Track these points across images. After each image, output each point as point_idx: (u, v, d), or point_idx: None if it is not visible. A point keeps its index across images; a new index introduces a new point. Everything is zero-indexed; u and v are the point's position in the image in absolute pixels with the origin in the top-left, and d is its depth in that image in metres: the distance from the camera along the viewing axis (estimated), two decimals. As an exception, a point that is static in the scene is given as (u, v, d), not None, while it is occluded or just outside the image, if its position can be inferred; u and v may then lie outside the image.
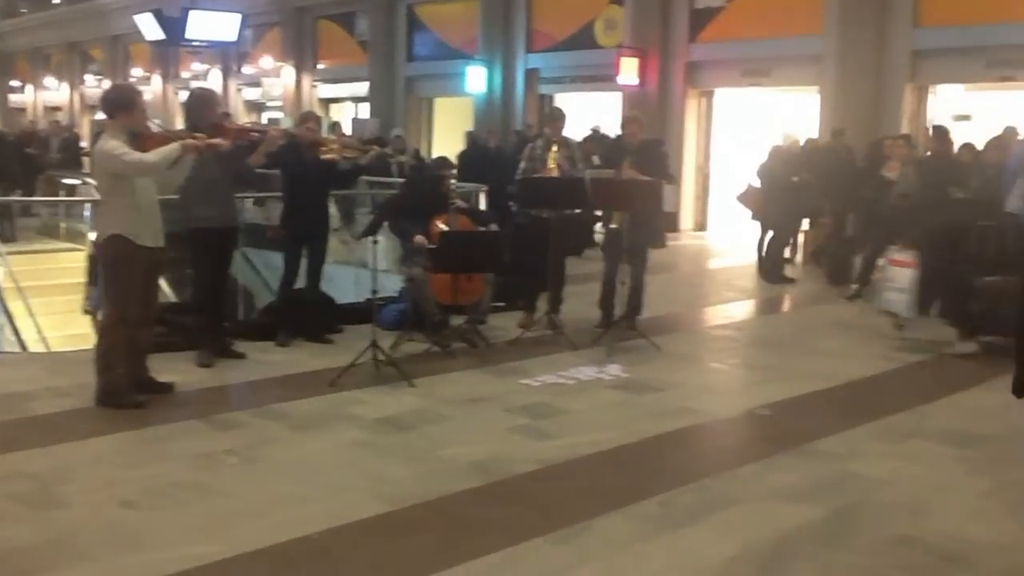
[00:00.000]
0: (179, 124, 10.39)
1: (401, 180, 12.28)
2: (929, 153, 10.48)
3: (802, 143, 12.01)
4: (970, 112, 13.93)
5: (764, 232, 11.29)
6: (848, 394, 6.45)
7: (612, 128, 14.20)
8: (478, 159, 13.69)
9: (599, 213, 8.96)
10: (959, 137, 10.36)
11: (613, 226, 7.88)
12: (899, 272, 8.15)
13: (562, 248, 8.12)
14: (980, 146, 9.62)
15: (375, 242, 6.67)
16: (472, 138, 15.81)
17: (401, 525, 4.20)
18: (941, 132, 10.23)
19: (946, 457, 5.19)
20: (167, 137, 5.81)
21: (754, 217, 11.50)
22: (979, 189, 8.81)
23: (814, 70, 14.34)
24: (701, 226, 16.54)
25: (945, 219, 8.57)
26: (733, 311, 9.62)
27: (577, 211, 8.34)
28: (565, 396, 6.20)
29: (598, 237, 9.90)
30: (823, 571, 3.85)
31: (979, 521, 4.35)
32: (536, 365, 6.90)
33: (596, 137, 14.35)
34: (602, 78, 17.19)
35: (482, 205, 10.77)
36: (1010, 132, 10.31)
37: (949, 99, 14.15)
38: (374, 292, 6.70)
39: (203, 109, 6.60)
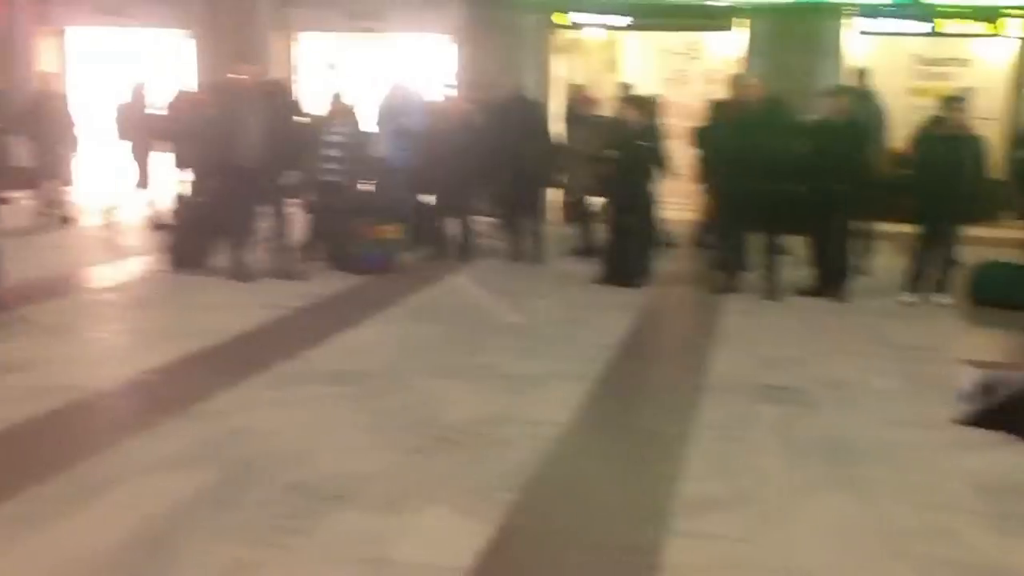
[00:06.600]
0: None
1: None
2: None
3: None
4: (337, 61, 14.71)
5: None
6: (235, 348, 6.42)
7: None
8: None
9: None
10: (332, 86, 10.85)
11: None
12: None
13: None
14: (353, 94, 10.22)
15: None
16: None
17: None
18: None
19: (329, 398, 5.43)
20: None
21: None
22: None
23: (183, 10, 13.89)
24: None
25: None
26: (111, 273, 8.96)
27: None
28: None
29: None
30: (216, 535, 3.78)
31: (359, 455, 4.63)
32: None
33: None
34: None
35: None
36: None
37: (317, 49, 14.73)
38: None
39: None
